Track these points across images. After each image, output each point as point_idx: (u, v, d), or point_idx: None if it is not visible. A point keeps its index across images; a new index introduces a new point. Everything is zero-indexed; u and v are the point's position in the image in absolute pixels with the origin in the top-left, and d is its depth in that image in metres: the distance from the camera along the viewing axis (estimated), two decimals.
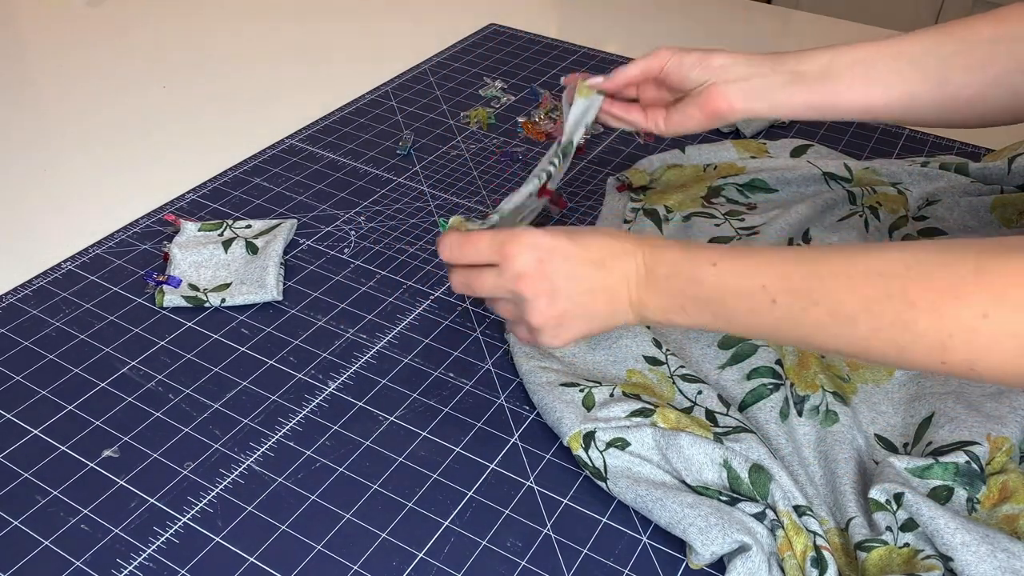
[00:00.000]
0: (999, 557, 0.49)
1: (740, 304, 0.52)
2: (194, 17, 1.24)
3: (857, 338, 0.48)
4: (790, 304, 0.50)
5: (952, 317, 0.45)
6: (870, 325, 0.47)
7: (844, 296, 0.48)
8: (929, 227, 0.78)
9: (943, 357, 0.45)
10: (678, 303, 0.55)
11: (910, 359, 0.47)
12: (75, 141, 0.95)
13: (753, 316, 0.52)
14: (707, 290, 0.53)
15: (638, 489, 0.55)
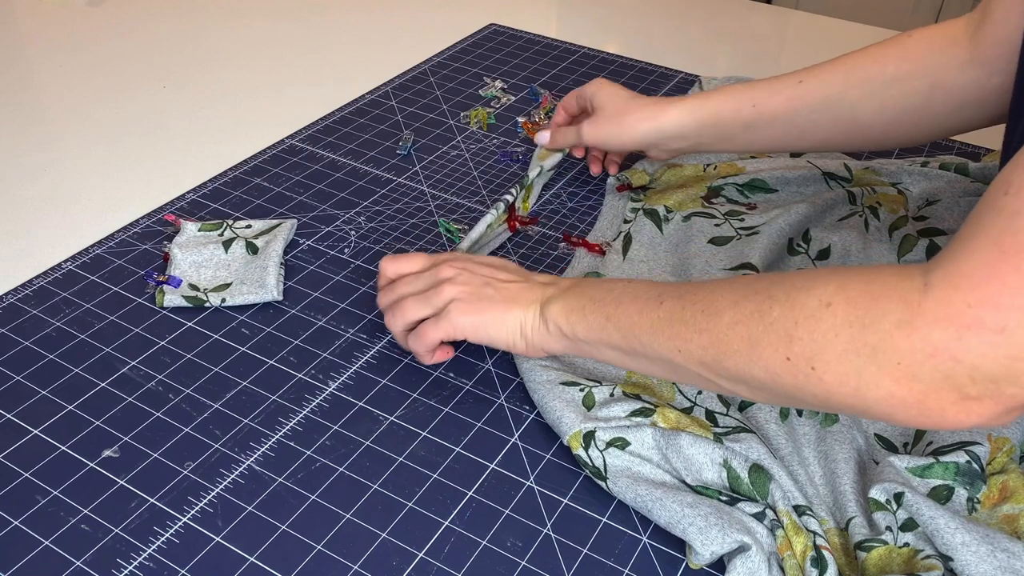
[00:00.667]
0: (999, 557, 0.49)
1: (633, 306, 0.56)
2: (194, 17, 1.24)
3: (719, 331, 0.51)
4: (673, 304, 0.54)
5: (801, 304, 0.47)
6: (732, 317, 0.50)
7: (719, 295, 0.52)
8: (929, 227, 0.78)
9: (789, 350, 0.47)
10: (580, 304, 0.59)
11: (758, 353, 0.49)
12: (75, 141, 0.95)
13: (639, 316, 0.55)
14: (613, 295, 0.57)
15: (638, 489, 0.55)
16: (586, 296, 0.59)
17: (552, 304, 0.60)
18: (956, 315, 0.42)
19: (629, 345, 0.56)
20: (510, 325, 0.61)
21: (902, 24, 2.06)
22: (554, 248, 0.80)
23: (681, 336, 0.53)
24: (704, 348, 0.51)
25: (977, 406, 0.44)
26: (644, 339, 0.55)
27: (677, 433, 0.57)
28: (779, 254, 0.75)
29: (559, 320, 0.59)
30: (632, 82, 1.08)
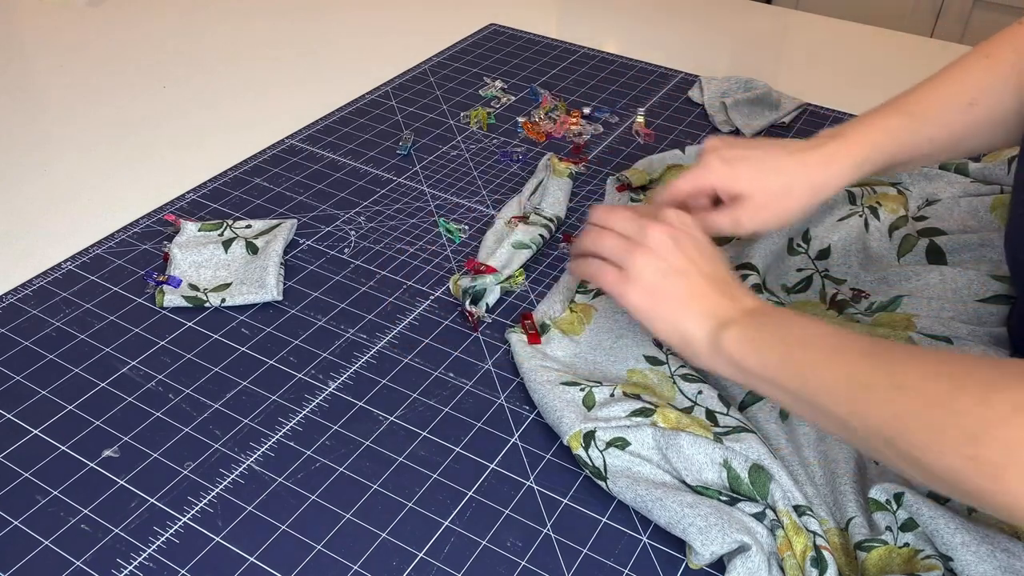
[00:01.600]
0: (999, 557, 0.49)
1: (814, 354, 0.52)
2: (194, 17, 1.24)
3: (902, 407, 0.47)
4: (858, 364, 0.49)
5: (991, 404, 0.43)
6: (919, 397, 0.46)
7: (909, 367, 0.48)
8: (929, 227, 0.78)
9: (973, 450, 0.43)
10: (758, 336, 0.54)
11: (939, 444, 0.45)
12: (75, 141, 0.95)
13: (820, 369, 0.51)
14: (793, 334, 0.53)
15: (638, 489, 0.55)
16: (765, 329, 0.55)
17: (728, 329, 0.56)
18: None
19: (801, 395, 0.52)
20: (676, 327, 0.58)
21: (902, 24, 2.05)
22: (554, 248, 0.80)
23: (861, 402, 0.49)
24: (884, 422, 0.47)
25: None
26: (820, 395, 0.51)
27: (677, 433, 0.57)
28: (779, 254, 0.75)
29: (731, 348, 0.55)
30: (632, 82, 1.08)
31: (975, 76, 0.67)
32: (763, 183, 0.65)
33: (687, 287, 0.58)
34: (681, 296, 0.58)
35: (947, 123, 0.67)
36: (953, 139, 0.67)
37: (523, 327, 0.69)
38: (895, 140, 0.66)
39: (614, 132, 0.98)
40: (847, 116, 1.01)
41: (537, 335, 0.68)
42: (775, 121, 0.98)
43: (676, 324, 0.57)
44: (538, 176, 0.87)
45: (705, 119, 1.01)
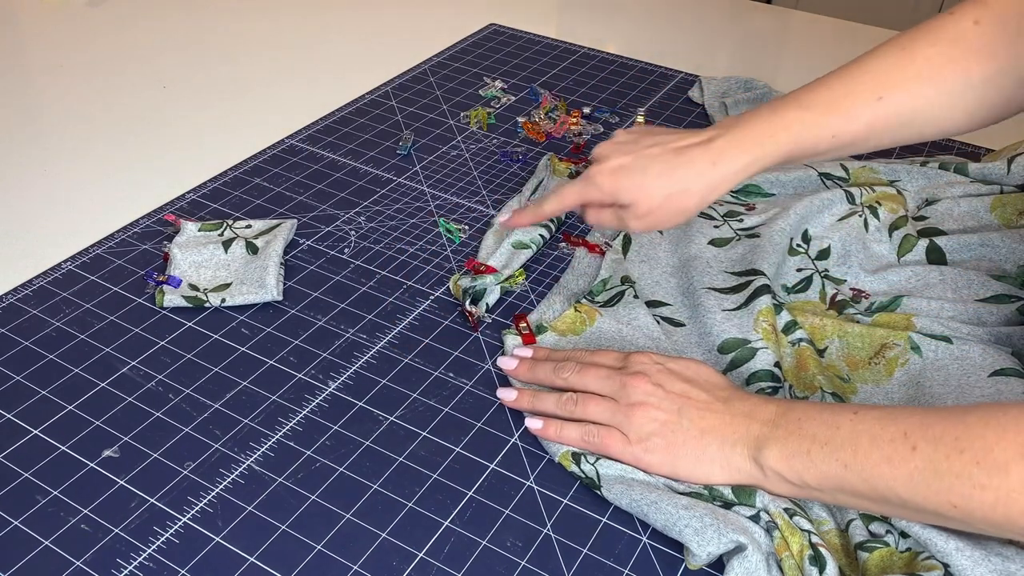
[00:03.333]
0: (993, 561, 0.49)
1: (876, 451, 0.49)
2: (194, 17, 1.24)
3: (1007, 490, 0.44)
4: (932, 452, 0.46)
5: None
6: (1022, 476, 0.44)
7: (993, 441, 0.45)
8: (929, 227, 0.78)
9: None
10: (804, 448, 0.52)
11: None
12: (75, 141, 0.95)
13: (889, 465, 0.48)
14: (843, 434, 0.50)
15: (632, 494, 0.55)
16: (808, 437, 0.52)
17: (767, 449, 0.53)
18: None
19: (880, 496, 0.49)
20: (706, 464, 0.55)
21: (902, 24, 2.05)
22: (554, 248, 0.80)
23: (956, 492, 0.46)
24: (991, 506, 0.45)
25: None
26: (902, 493, 0.48)
27: None
28: (781, 256, 0.75)
29: (779, 468, 0.53)
30: (632, 82, 1.08)
31: (886, 69, 0.63)
32: (648, 191, 0.63)
33: (697, 423, 0.56)
34: (696, 435, 0.56)
35: (853, 117, 0.63)
36: (860, 134, 0.64)
37: (517, 328, 0.69)
38: (792, 135, 0.63)
39: (614, 131, 0.98)
40: None
41: (532, 335, 0.68)
42: None
43: (700, 461, 0.55)
44: (538, 176, 0.87)
45: (705, 119, 1.01)
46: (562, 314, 0.70)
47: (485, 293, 0.72)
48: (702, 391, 0.57)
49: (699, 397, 0.57)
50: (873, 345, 0.66)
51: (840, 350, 0.67)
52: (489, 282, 0.73)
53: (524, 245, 0.77)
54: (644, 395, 0.57)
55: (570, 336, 0.69)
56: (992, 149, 0.94)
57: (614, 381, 0.59)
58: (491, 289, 0.73)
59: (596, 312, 0.70)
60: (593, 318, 0.69)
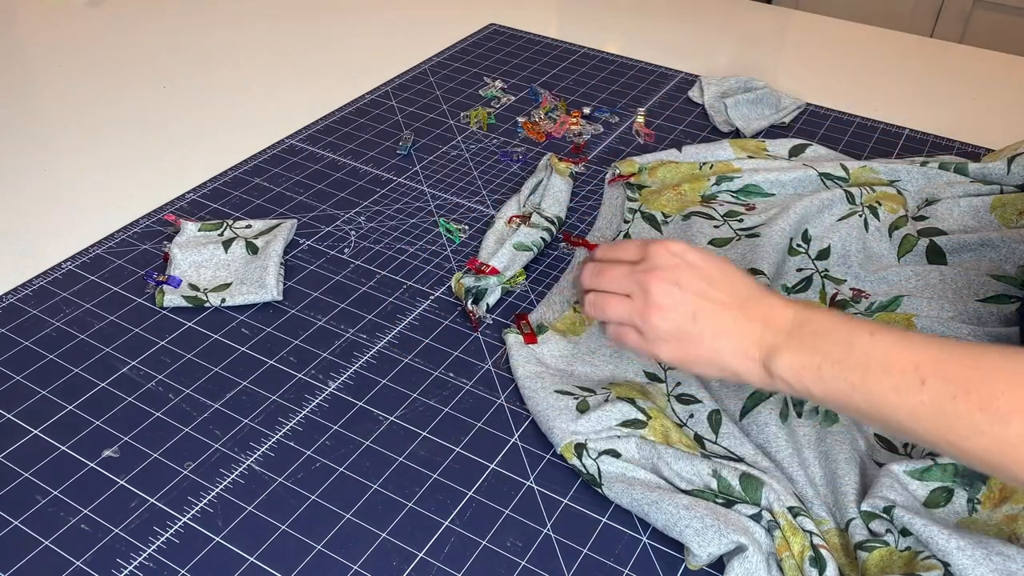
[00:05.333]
0: (994, 560, 0.49)
1: (886, 379, 0.48)
2: (194, 17, 1.24)
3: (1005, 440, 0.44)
4: (940, 390, 0.46)
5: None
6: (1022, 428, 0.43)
7: (1001, 390, 0.44)
8: (929, 227, 0.78)
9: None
10: (816, 363, 0.50)
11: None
12: (75, 141, 0.95)
13: (895, 394, 0.47)
14: (856, 355, 0.49)
15: (633, 493, 0.55)
16: (819, 351, 0.50)
17: (778, 357, 0.52)
18: None
19: (881, 419, 0.49)
20: (719, 365, 0.54)
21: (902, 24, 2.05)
22: (554, 248, 0.80)
23: (954, 432, 0.46)
24: (985, 451, 0.45)
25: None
26: (904, 422, 0.48)
27: (666, 448, 0.57)
28: (781, 256, 0.75)
29: (788, 378, 0.51)
30: (632, 82, 1.08)
31: None
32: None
33: (711, 327, 0.54)
34: (710, 338, 0.54)
35: None
36: None
37: (519, 327, 0.69)
38: None
39: (614, 132, 0.98)
40: (847, 116, 1.01)
41: (533, 335, 0.68)
42: (775, 121, 0.98)
43: (720, 366, 0.54)
44: (537, 176, 0.86)
45: (705, 119, 1.01)
46: (562, 314, 0.70)
47: (486, 293, 0.72)
48: (719, 291, 0.55)
49: (716, 297, 0.55)
50: None
51: None
52: (492, 283, 0.73)
53: (526, 247, 0.77)
54: (660, 295, 0.55)
55: (570, 336, 0.69)
56: (992, 149, 0.94)
57: (631, 280, 0.57)
58: (492, 289, 0.73)
59: None
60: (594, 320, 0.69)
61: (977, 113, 1.04)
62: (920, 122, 1.01)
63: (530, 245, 0.77)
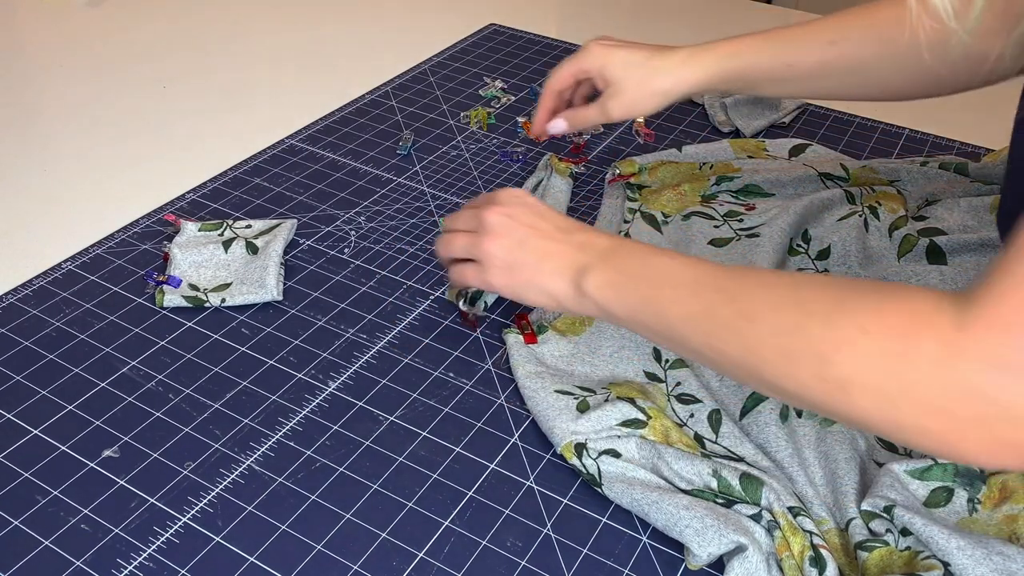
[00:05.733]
0: (995, 560, 0.49)
1: (669, 292, 0.54)
2: (194, 17, 1.24)
3: (756, 339, 0.49)
4: (710, 299, 0.52)
5: (838, 326, 0.46)
6: (770, 327, 0.49)
7: (757, 298, 0.50)
8: (929, 227, 0.78)
9: (824, 371, 0.46)
10: (617, 279, 0.56)
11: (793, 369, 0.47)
12: (75, 141, 0.95)
13: (676, 305, 0.53)
14: (650, 272, 0.56)
15: (633, 492, 0.55)
16: (624, 271, 0.57)
17: (588, 275, 0.57)
18: (991, 355, 0.42)
19: (664, 333, 0.55)
20: (541, 290, 0.60)
21: None
22: None
23: (716, 336, 0.51)
24: (740, 354, 0.50)
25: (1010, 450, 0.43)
26: (679, 331, 0.53)
27: (666, 448, 0.57)
28: (781, 256, 0.75)
29: (595, 295, 0.57)
30: None
31: (842, 21, 0.72)
32: (632, 72, 0.75)
33: (536, 251, 0.60)
34: (533, 261, 0.60)
35: (807, 54, 0.72)
36: (812, 72, 0.73)
37: (519, 327, 0.69)
38: (753, 55, 0.73)
39: (614, 132, 0.98)
40: (846, 116, 1.01)
41: (533, 335, 0.68)
42: (775, 121, 0.98)
43: (540, 287, 0.60)
44: (538, 176, 0.86)
45: (705, 119, 1.01)
46: (562, 314, 0.70)
47: (483, 292, 0.72)
48: (548, 223, 0.62)
49: (544, 228, 0.61)
50: None
51: None
52: None
53: None
54: (494, 224, 0.62)
55: (570, 336, 0.69)
56: (992, 149, 0.94)
57: (474, 217, 0.64)
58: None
59: None
60: (592, 318, 0.69)
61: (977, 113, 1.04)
62: (920, 122, 1.01)
63: None
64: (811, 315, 0.47)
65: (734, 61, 0.74)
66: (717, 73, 0.74)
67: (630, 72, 0.75)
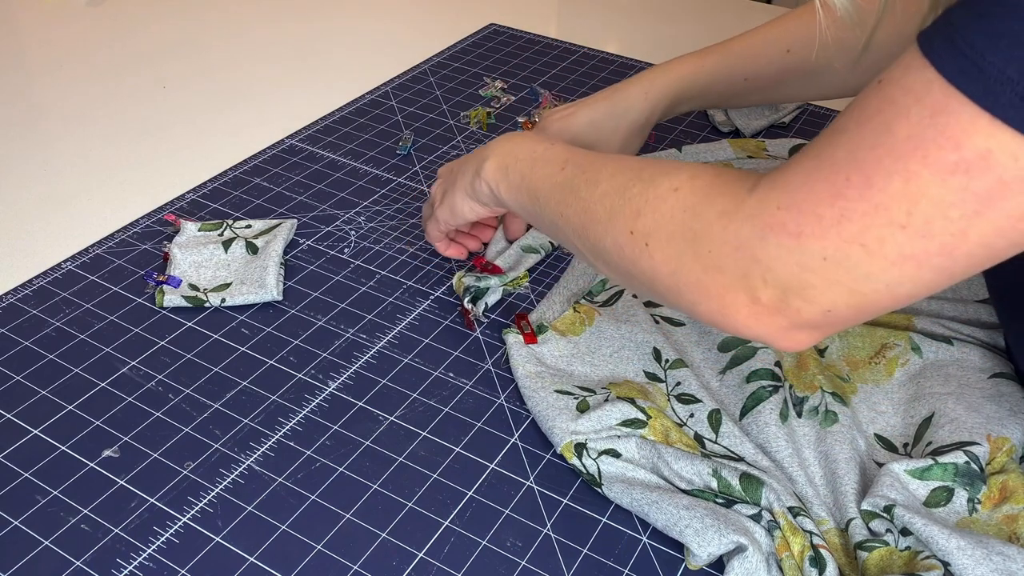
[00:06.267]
0: (995, 560, 0.49)
1: (544, 168, 0.59)
2: (194, 17, 1.24)
3: (591, 200, 0.54)
4: (570, 172, 0.57)
5: (656, 185, 0.50)
6: (604, 188, 0.53)
7: (604, 168, 0.55)
8: None
9: (634, 224, 0.50)
10: (506, 163, 0.63)
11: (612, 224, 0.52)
12: (75, 141, 0.95)
13: (545, 179, 0.59)
14: (533, 155, 0.61)
15: (633, 493, 0.55)
16: (511, 155, 0.62)
17: (487, 162, 0.64)
18: (766, 214, 0.44)
19: (534, 207, 0.60)
20: (461, 193, 0.67)
21: None
22: (555, 248, 0.80)
23: (565, 202, 0.56)
24: (578, 215, 0.55)
25: (766, 314, 0.45)
26: (542, 201, 0.58)
27: (666, 447, 0.57)
28: None
29: (489, 179, 0.64)
30: None
31: (796, 27, 0.74)
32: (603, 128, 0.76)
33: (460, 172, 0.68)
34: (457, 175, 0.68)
35: (765, 64, 0.75)
36: (769, 81, 0.75)
37: (519, 327, 0.69)
38: (708, 74, 0.75)
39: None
40: None
41: (533, 335, 0.68)
42: (775, 121, 0.98)
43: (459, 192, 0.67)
44: None
45: (705, 119, 1.01)
46: (562, 314, 0.70)
47: (487, 292, 0.72)
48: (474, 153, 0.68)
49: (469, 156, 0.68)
50: (873, 345, 0.66)
51: (840, 350, 0.67)
52: (494, 283, 0.73)
53: (533, 249, 0.77)
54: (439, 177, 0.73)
55: (570, 336, 0.69)
56: None
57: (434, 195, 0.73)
58: (494, 289, 0.73)
59: (595, 312, 0.70)
60: (592, 318, 0.69)
61: None
62: None
63: (538, 248, 0.77)
64: (639, 177, 0.52)
65: (689, 83, 0.76)
66: (676, 95, 0.76)
67: (601, 129, 0.76)
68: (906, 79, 0.40)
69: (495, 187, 0.63)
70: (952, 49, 0.38)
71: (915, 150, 0.39)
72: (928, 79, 0.39)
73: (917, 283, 0.42)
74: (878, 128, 0.40)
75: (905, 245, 0.40)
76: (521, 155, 0.62)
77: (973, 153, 0.38)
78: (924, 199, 0.39)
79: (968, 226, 0.39)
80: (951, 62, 0.38)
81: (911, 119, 0.39)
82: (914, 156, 0.39)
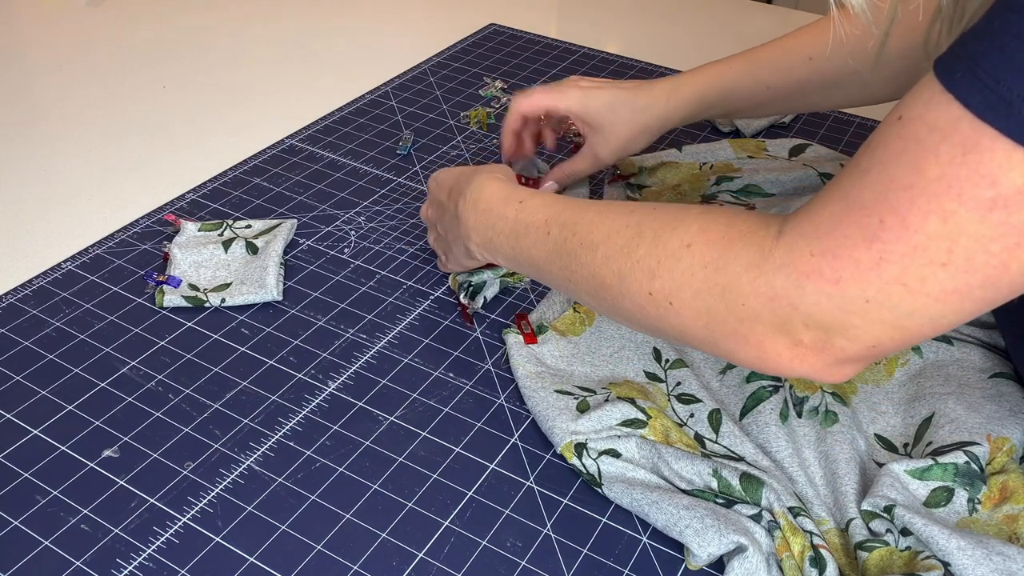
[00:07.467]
0: (995, 560, 0.49)
1: (529, 236, 0.59)
2: (194, 17, 1.24)
3: (595, 266, 0.53)
4: (558, 235, 0.56)
5: (664, 244, 0.50)
6: (605, 252, 0.53)
7: (595, 227, 0.54)
8: None
9: (651, 286, 0.50)
10: (488, 237, 0.62)
11: (626, 288, 0.51)
12: (75, 141, 0.95)
13: (536, 248, 0.58)
14: (510, 225, 0.61)
15: (633, 493, 0.55)
16: (491, 228, 0.62)
17: (470, 243, 0.64)
18: (799, 262, 0.44)
19: (538, 275, 0.60)
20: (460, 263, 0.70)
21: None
22: None
23: (569, 268, 0.56)
24: (586, 280, 0.54)
25: (810, 355, 0.46)
26: (544, 270, 0.58)
27: (666, 447, 0.57)
28: None
29: (480, 252, 0.64)
30: None
31: (817, 36, 0.74)
32: (619, 113, 0.74)
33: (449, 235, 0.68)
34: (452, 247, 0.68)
35: (787, 73, 0.74)
36: (791, 89, 0.74)
37: (519, 327, 0.69)
38: (732, 81, 0.74)
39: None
40: (846, 116, 1.01)
41: (533, 335, 0.68)
42: (775, 121, 0.98)
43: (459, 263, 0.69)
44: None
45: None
46: (562, 314, 0.70)
47: (484, 287, 0.72)
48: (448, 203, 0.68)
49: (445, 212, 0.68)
50: None
51: None
52: (488, 276, 0.73)
53: None
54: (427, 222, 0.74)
55: (570, 336, 0.69)
56: None
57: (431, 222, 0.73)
58: (491, 283, 0.73)
59: (594, 312, 0.70)
60: (592, 318, 0.69)
61: None
62: None
63: None
64: (641, 236, 0.51)
65: (715, 89, 0.75)
66: (699, 103, 0.75)
67: (617, 114, 0.75)
68: (929, 115, 0.39)
69: (491, 257, 0.64)
70: (975, 82, 0.38)
71: (949, 188, 0.39)
72: (955, 116, 0.38)
73: (960, 313, 0.42)
74: (907, 168, 0.40)
75: (947, 281, 0.40)
76: (499, 226, 0.61)
77: (1011, 188, 0.37)
78: (964, 236, 0.39)
79: (1010, 257, 0.39)
80: (977, 96, 0.37)
81: (941, 158, 0.39)
82: (948, 195, 0.39)
